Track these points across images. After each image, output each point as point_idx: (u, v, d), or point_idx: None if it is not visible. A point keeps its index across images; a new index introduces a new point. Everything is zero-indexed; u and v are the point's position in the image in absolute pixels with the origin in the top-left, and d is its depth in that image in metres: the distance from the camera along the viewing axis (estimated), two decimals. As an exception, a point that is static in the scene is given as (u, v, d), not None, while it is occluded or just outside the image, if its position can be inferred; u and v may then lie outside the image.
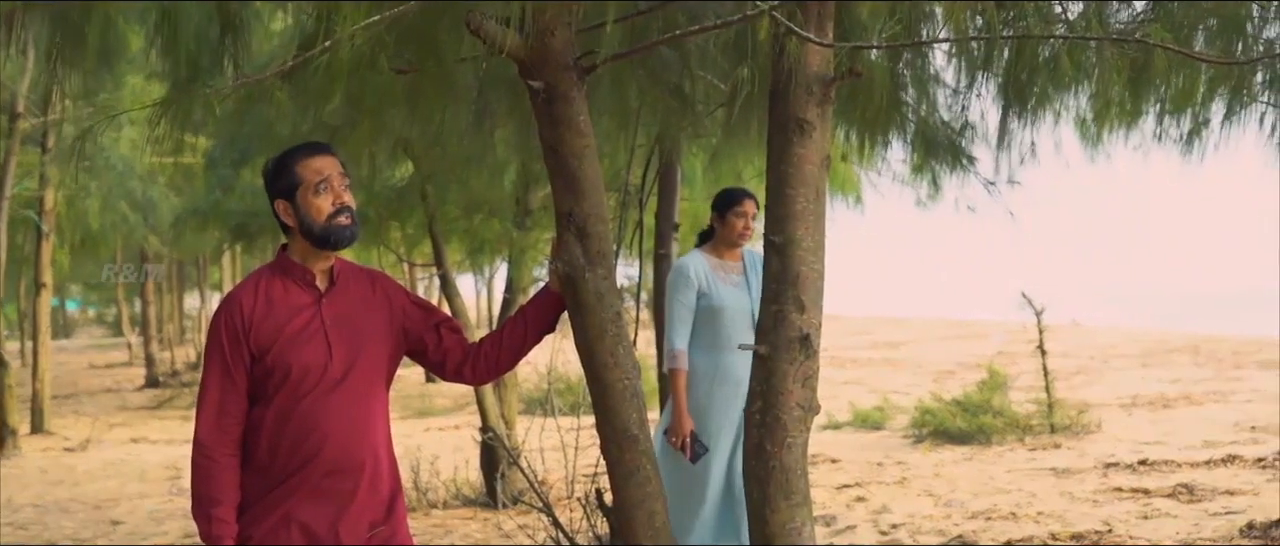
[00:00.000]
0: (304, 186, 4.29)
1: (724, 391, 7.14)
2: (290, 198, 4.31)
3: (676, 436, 7.05)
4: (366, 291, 4.52)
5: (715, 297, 7.21)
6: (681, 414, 7.06)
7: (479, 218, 12.09)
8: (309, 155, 4.35)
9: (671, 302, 7.29)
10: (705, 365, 7.20)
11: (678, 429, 7.06)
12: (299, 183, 4.29)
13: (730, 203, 7.36)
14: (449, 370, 4.70)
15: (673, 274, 7.39)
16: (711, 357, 7.20)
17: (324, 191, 4.29)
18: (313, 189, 4.28)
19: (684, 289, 7.24)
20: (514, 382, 13.65)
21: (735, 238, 7.37)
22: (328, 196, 4.29)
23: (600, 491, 7.41)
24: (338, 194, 4.32)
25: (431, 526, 11.22)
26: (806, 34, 4.76)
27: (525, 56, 4.64)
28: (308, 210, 4.29)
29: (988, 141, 7.58)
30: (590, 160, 4.75)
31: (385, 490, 4.46)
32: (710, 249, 7.44)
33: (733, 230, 7.35)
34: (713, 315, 7.21)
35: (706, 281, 7.24)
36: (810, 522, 5.05)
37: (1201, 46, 6.04)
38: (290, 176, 4.31)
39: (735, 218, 7.32)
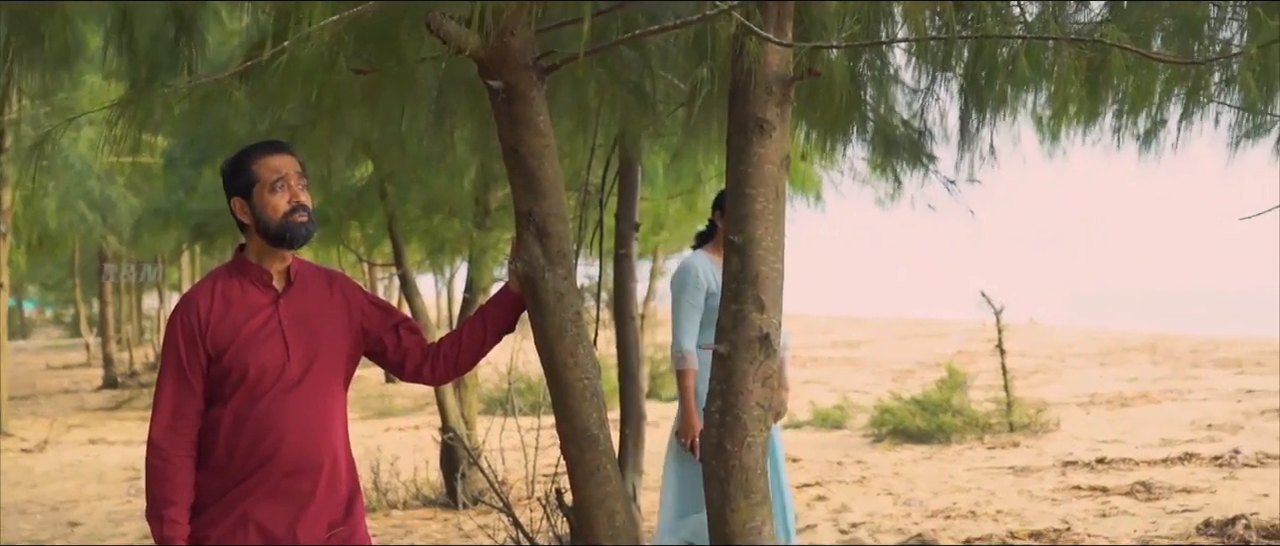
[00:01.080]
0: (261, 184, 4.28)
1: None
2: (247, 195, 4.31)
3: (687, 437, 7.04)
4: (324, 291, 4.51)
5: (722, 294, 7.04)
6: (692, 414, 7.02)
7: (439, 217, 12.08)
8: (266, 153, 4.35)
9: (679, 303, 7.25)
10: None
11: (688, 430, 7.04)
12: (256, 180, 4.29)
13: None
14: (408, 370, 4.70)
15: (680, 274, 7.34)
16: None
17: (280, 189, 4.28)
18: (269, 187, 4.28)
19: (692, 289, 7.22)
20: (474, 382, 13.63)
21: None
22: (284, 194, 4.29)
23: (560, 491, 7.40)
24: (294, 192, 4.31)
25: (391, 527, 11.20)
26: (766, 34, 4.76)
27: (485, 56, 4.63)
28: (263, 208, 4.29)
29: (948, 141, 7.60)
30: (550, 160, 4.74)
31: (344, 490, 4.45)
32: (712, 248, 7.40)
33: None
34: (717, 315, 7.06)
35: (714, 281, 7.09)
36: (770, 522, 5.05)
37: (1159, 47, 6.06)
38: (247, 174, 4.30)
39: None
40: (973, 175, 7.61)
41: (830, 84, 5.51)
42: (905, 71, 7.24)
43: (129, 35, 5.83)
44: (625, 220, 9.16)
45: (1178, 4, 5.98)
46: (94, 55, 7.38)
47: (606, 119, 7.24)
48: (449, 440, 11.24)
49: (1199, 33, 6.09)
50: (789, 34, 4.98)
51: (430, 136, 7.36)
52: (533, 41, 4.71)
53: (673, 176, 12.26)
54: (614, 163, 8.86)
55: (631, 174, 9.16)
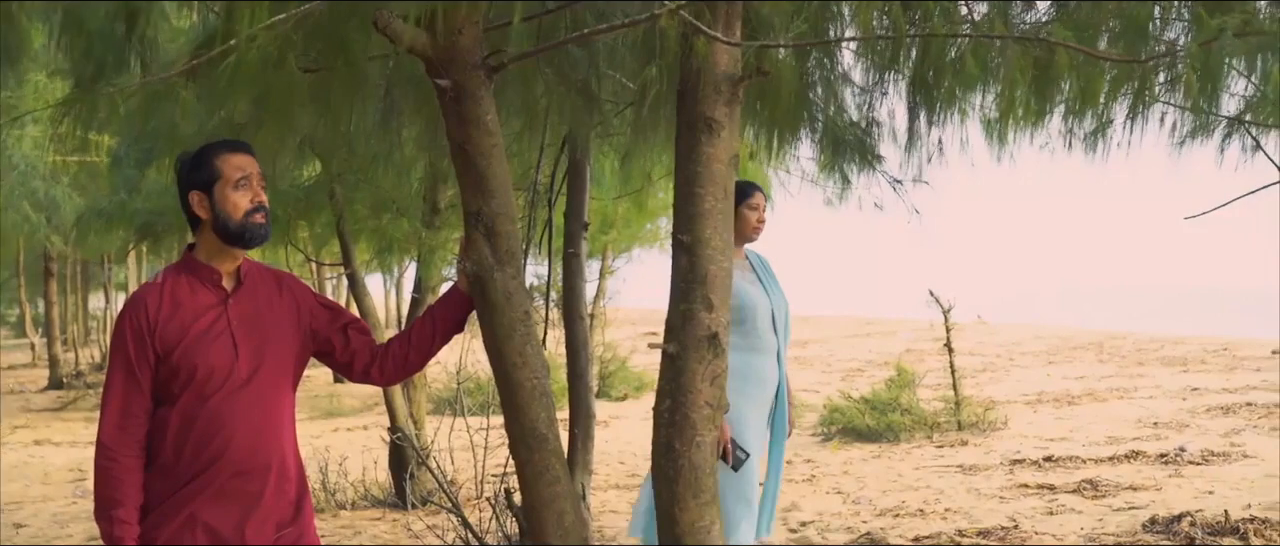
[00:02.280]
0: (224, 181, 4.28)
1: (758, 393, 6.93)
2: (207, 190, 4.29)
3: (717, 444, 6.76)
4: (273, 292, 4.49)
5: (743, 296, 6.82)
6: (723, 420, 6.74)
7: (387, 217, 12.03)
8: (231, 151, 4.35)
9: None
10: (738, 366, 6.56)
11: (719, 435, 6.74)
12: (219, 176, 4.28)
13: (742, 196, 6.93)
14: (357, 371, 4.69)
15: None
16: (742, 359, 6.75)
17: (243, 188, 4.29)
18: (233, 184, 4.28)
19: None
20: (423, 382, 13.60)
21: (749, 231, 7.07)
22: (246, 193, 4.29)
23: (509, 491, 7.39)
24: (256, 192, 4.32)
25: (340, 527, 11.16)
26: (714, 33, 4.77)
27: (433, 55, 4.62)
28: (225, 205, 4.28)
29: (896, 140, 7.63)
30: (498, 159, 4.74)
31: (292, 491, 4.43)
32: None
33: (747, 224, 7.04)
34: (741, 314, 6.77)
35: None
36: (720, 521, 5.06)
37: (1105, 47, 6.10)
38: (210, 169, 4.29)
39: (749, 211, 7.03)
40: (920, 175, 7.64)
41: (778, 83, 5.52)
42: (854, 71, 7.26)
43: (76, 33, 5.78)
44: (574, 219, 9.14)
45: (1123, 4, 6.02)
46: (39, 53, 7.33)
47: (555, 118, 7.23)
48: (398, 440, 11.22)
49: (1144, 33, 6.13)
50: (737, 33, 4.99)
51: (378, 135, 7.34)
52: (481, 40, 4.70)
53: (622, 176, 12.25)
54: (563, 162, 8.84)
55: (580, 173, 9.14)
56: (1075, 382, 21.20)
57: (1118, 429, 15.13)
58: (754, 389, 6.89)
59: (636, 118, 6.66)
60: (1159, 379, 21.11)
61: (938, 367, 17.74)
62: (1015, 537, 9.35)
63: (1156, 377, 21.38)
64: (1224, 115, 6.85)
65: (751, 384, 6.87)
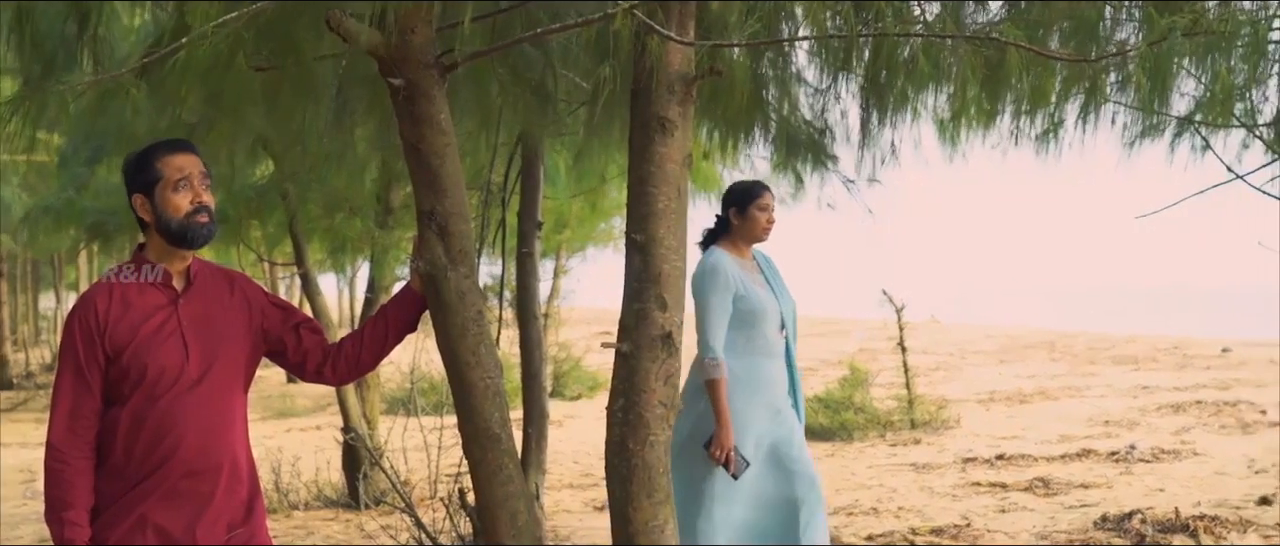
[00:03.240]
0: (164, 182, 4.24)
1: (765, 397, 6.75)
2: (149, 192, 4.26)
3: (721, 450, 6.56)
4: (224, 292, 4.47)
5: (753, 299, 6.71)
6: (727, 427, 6.55)
7: (340, 216, 11.99)
8: (171, 151, 4.30)
9: (707, 305, 6.67)
10: (744, 371, 6.71)
11: (722, 442, 6.56)
12: (159, 178, 4.24)
13: (752, 196, 6.86)
14: (309, 371, 4.66)
15: (706, 274, 6.74)
16: (749, 363, 6.72)
17: (184, 189, 4.25)
18: (172, 185, 4.23)
19: (722, 290, 6.67)
20: (376, 382, 13.56)
21: (759, 233, 6.89)
22: (187, 194, 4.25)
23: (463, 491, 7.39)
24: (197, 192, 4.27)
25: (292, 528, 11.12)
26: (668, 32, 4.77)
27: (385, 54, 4.60)
28: (165, 206, 4.24)
29: (849, 140, 7.66)
30: (451, 158, 4.72)
31: (243, 492, 4.41)
32: (729, 246, 6.90)
33: (757, 225, 6.86)
34: (751, 318, 6.71)
35: (740, 282, 6.72)
36: (673, 520, 5.07)
37: (1056, 47, 6.13)
38: (151, 171, 4.25)
39: (759, 211, 6.83)
40: (873, 175, 7.66)
41: (732, 83, 5.54)
42: (807, 71, 7.28)
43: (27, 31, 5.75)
44: (528, 219, 9.14)
45: (1074, 4, 6.05)
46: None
47: (509, 117, 7.23)
48: (351, 440, 11.18)
49: (1095, 33, 6.16)
50: (691, 33, 5.00)
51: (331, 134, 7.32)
52: (433, 39, 4.69)
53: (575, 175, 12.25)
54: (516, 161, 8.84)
55: (534, 172, 9.14)
56: (1027, 381, 21.31)
57: (1069, 427, 15.22)
58: (762, 393, 6.74)
59: (590, 117, 6.66)
60: (1110, 377, 21.24)
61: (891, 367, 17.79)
62: (968, 536, 9.38)
63: (1107, 376, 21.52)
64: (1174, 115, 6.88)
65: (759, 388, 6.74)
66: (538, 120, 7.07)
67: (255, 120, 6.78)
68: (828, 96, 7.38)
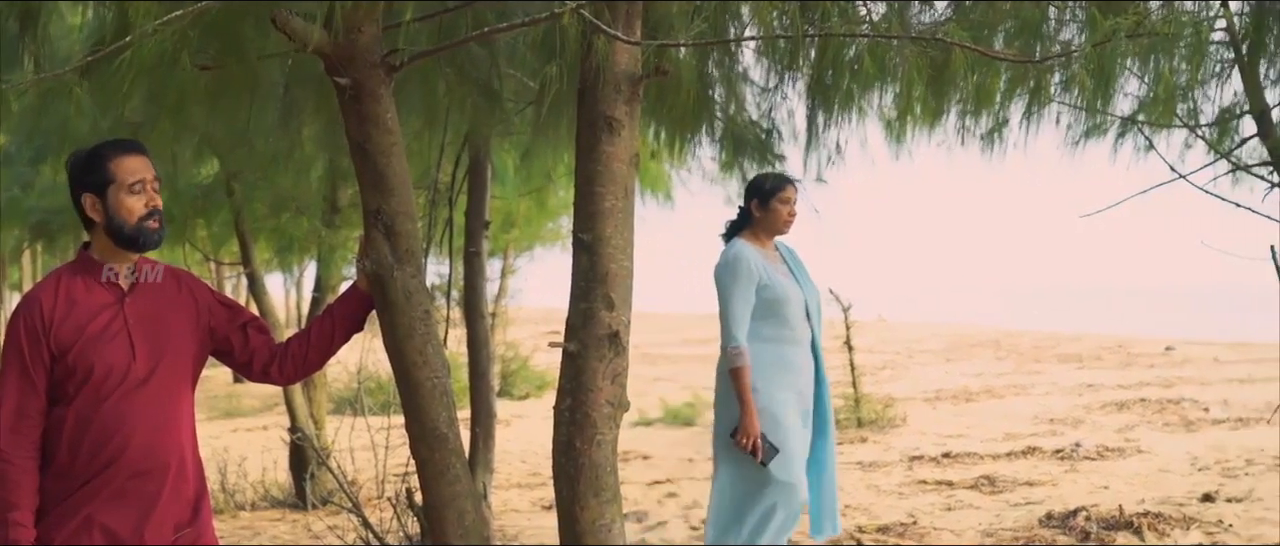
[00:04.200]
0: (117, 184, 4.21)
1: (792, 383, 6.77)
2: (101, 193, 4.23)
3: (747, 438, 6.56)
4: (171, 291, 4.44)
5: (777, 288, 6.72)
6: (752, 415, 6.56)
7: (287, 216, 11.95)
8: (124, 153, 4.27)
9: (731, 295, 6.66)
10: (772, 358, 6.72)
11: (748, 430, 6.55)
12: (112, 180, 4.21)
13: (775, 189, 6.85)
14: (256, 370, 4.64)
15: (730, 264, 6.72)
16: (775, 350, 6.73)
17: (138, 192, 4.22)
18: (127, 188, 4.20)
19: (746, 281, 6.65)
20: (323, 382, 13.52)
21: (781, 226, 6.90)
22: (141, 198, 4.22)
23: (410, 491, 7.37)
24: (150, 197, 4.25)
25: (239, 528, 11.07)
26: (614, 32, 4.78)
27: (332, 53, 4.60)
28: (118, 209, 4.21)
29: (796, 139, 7.68)
30: (398, 157, 4.72)
31: (190, 491, 4.39)
32: (751, 238, 6.88)
33: (778, 218, 6.86)
34: (776, 307, 6.71)
35: (763, 272, 6.70)
36: (620, 519, 5.08)
37: (1001, 47, 6.17)
38: (103, 172, 4.22)
39: (780, 204, 6.83)
40: (820, 174, 7.68)
41: (679, 82, 5.55)
42: (754, 70, 7.30)
43: (-33, 30, 5.72)
44: (475, 218, 9.13)
45: (1019, 4, 6.09)
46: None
47: (455, 116, 7.22)
48: (298, 440, 11.14)
49: (1039, 33, 6.21)
50: (637, 32, 5.01)
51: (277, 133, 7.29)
52: (380, 38, 4.69)
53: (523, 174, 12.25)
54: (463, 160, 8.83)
55: (481, 172, 9.14)
56: (973, 379, 21.43)
57: (1015, 425, 15.31)
58: (788, 378, 6.76)
59: (537, 116, 6.66)
60: (1055, 376, 21.39)
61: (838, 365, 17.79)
62: (914, 534, 9.42)
63: (1053, 374, 21.66)
64: (1118, 115, 6.94)
65: (787, 374, 6.76)
66: (485, 119, 7.06)
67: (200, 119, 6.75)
68: (774, 96, 7.41)
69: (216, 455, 12.45)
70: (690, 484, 12.25)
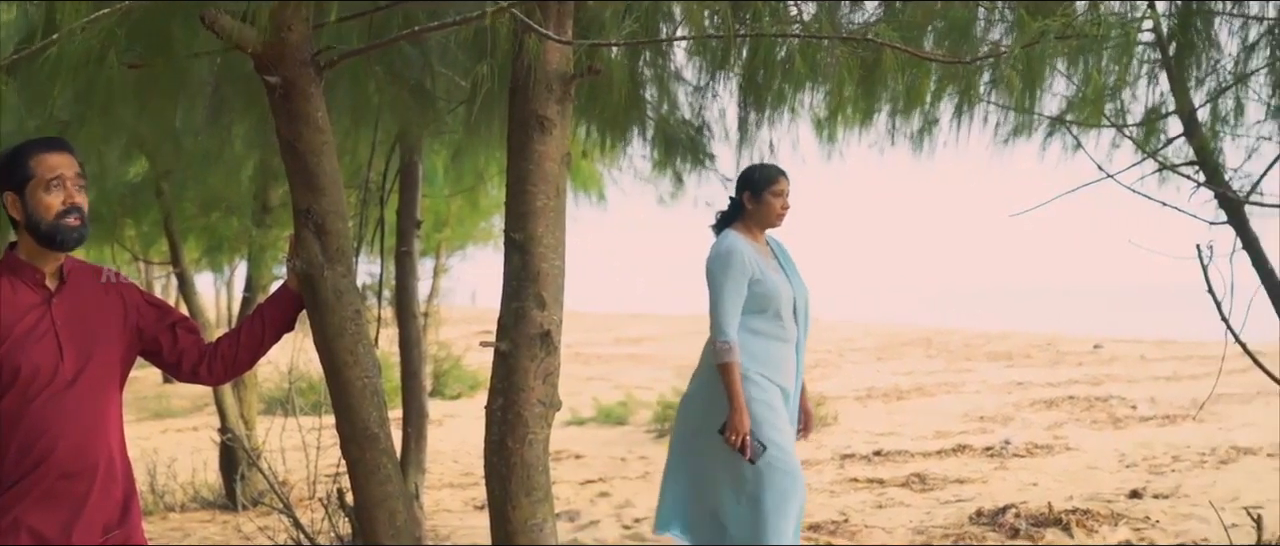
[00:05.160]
0: (36, 181, 4.18)
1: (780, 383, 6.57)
2: (20, 191, 4.20)
3: (736, 435, 6.36)
4: (99, 291, 4.41)
5: (769, 283, 6.52)
6: (742, 413, 6.35)
7: (217, 215, 11.89)
8: (45, 150, 4.24)
9: (722, 287, 6.46)
10: (760, 355, 6.53)
11: (737, 427, 6.35)
12: (31, 177, 4.18)
13: (768, 181, 6.65)
14: (185, 370, 4.62)
15: (723, 256, 6.53)
16: (766, 347, 6.55)
17: (55, 189, 4.18)
18: (44, 185, 4.17)
19: (738, 273, 6.46)
20: (254, 382, 13.46)
21: (773, 218, 6.68)
22: (58, 194, 4.19)
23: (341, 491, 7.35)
24: (70, 193, 4.21)
25: (169, 530, 11.01)
26: (546, 31, 4.78)
27: (262, 51, 4.57)
28: (36, 206, 4.18)
29: (728, 138, 7.70)
30: (328, 156, 4.71)
31: (119, 493, 4.36)
32: (743, 230, 6.68)
33: (771, 210, 6.64)
34: (766, 302, 6.52)
35: (756, 266, 6.51)
36: (552, 519, 5.08)
37: (931, 47, 6.21)
38: (23, 170, 4.19)
39: (773, 197, 6.62)
40: (752, 173, 7.70)
41: (610, 82, 5.56)
42: (686, 70, 7.32)
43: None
44: (407, 217, 9.12)
45: (949, 5, 6.14)
46: None
47: (387, 115, 7.20)
48: (228, 441, 11.09)
49: (969, 34, 6.25)
50: (569, 32, 5.01)
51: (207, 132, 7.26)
52: (310, 37, 4.67)
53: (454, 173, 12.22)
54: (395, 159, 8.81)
55: (413, 171, 9.12)
56: (904, 378, 21.54)
57: (945, 423, 15.41)
58: (778, 378, 6.56)
59: (468, 116, 6.65)
60: (985, 374, 21.53)
61: (769, 363, 17.90)
62: (845, 532, 9.47)
63: (983, 372, 21.81)
64: (1046, 115, 7.00)
65: (775, 373, 6.56)
66: (416, 118, 7.05)
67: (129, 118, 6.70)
68: (706, 95, 7.43)
69: (146, 456, 12.37)
70: (622, 483, 12.27)
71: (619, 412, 17.57)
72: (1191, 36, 6.88)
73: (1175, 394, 17.06)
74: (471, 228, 19.39)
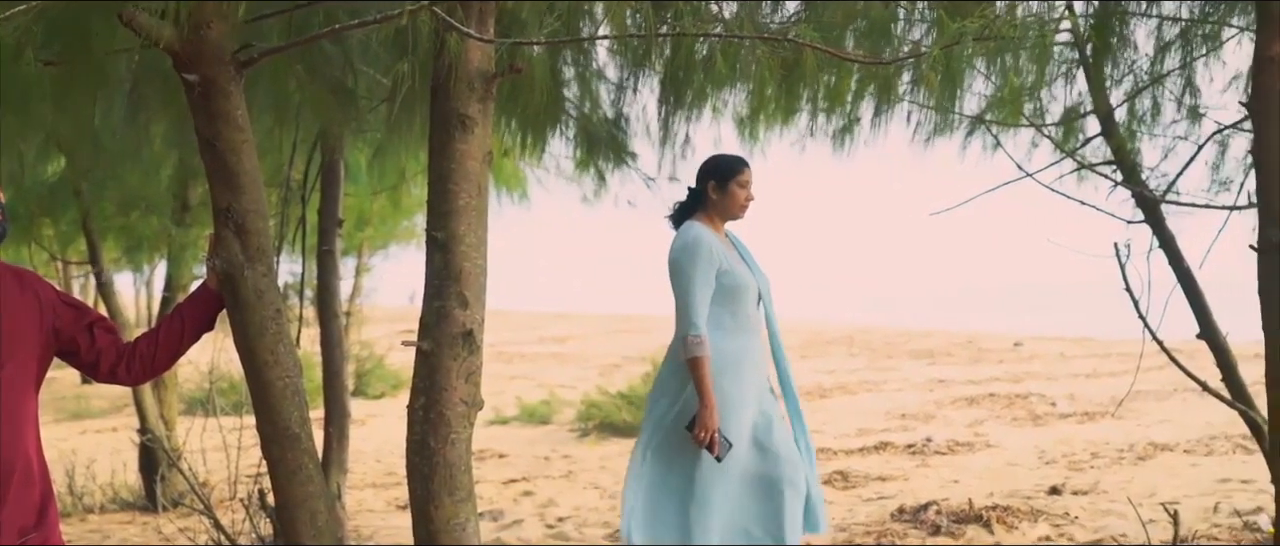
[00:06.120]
0: (-49, 181, 4.15)
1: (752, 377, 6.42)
2: (-67, 191, 4.16)
3: (705, 432, 6.17)
4: (15, 291, 4.37)
5: (737, 275, 6.35)
6: (712, 408, 6.15)
7: (136, 214, 11.79)
8: (-41, 150, 4.21)
9: (690, 279, 6.24)
10: (730, 350, 6.32)
11: (706, 424, 6.16)
12: (-54, 176, 4.15)
13: (732, 171, 6.42)
14: (103, 371, 4.58)
15: (689, 246, 6.30)
16: (736, 342, 6.35)
17: (-30, 187, 4.15)
18: (-39, 184, 4.14)
19: (706, 265, 6.25)
20: (174, 382, 13.35)
21: (737, 210, 6.47)
22: (-27, 192, 4.16)
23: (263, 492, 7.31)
24: (-13, 191, 4.18)
25: (88, 532, 10.90)
26: (467, 30, 4.78)
27: (180, 49, 4.55)
28: (-49, 205, 4.15)
29: (650, 137, 7.71)
30: (248, 155, 4.68)
31: (36, 494, 4.32)
32: (706, 221, 6.45)
33: (736, 201, 6.43)
34: (735, 294, 6.34)
35: (722, 257, 6.32)
36: (475, 518, 5.08)
37: (852, 47, 6.25)
38: (-63, 170, 4.16)
39: (738, 188, 6.41)
40: (674, 172, 7.73)
41: (532, 80, 5.56)
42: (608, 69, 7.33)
43: None
44: (328, 216, 9.07)
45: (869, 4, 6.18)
46: None
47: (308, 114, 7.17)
48: (148, 441, 11.00)
49: (889, 34, 6.29)
50: (490, 30, 5.01)
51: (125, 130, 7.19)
52: (229, 35, 4.64)
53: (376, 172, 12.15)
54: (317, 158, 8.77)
55: (334, 169, 9.07)
56: (826, 376, 21.63)
57: (867, 420, 15.49)
58: (748, 373, 6.40)
59: (390, 114, 6.63)
60: (907, 372, 21.65)
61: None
62: (768, 528, 9.50)
63: (905, 370, 21.93)
64: (966, 114, 7.05)
65: (745, 368, 6.38)
66: (338, 117, 7.02)
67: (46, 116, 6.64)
68: (628, 94, 7.44)
69: (64, 457, 12.26)
70: (546, 482, 12.26)
71: (542, 411, 17.57)
72: (1108, 37, 6.96)
73: (1094, 391, 17.23)
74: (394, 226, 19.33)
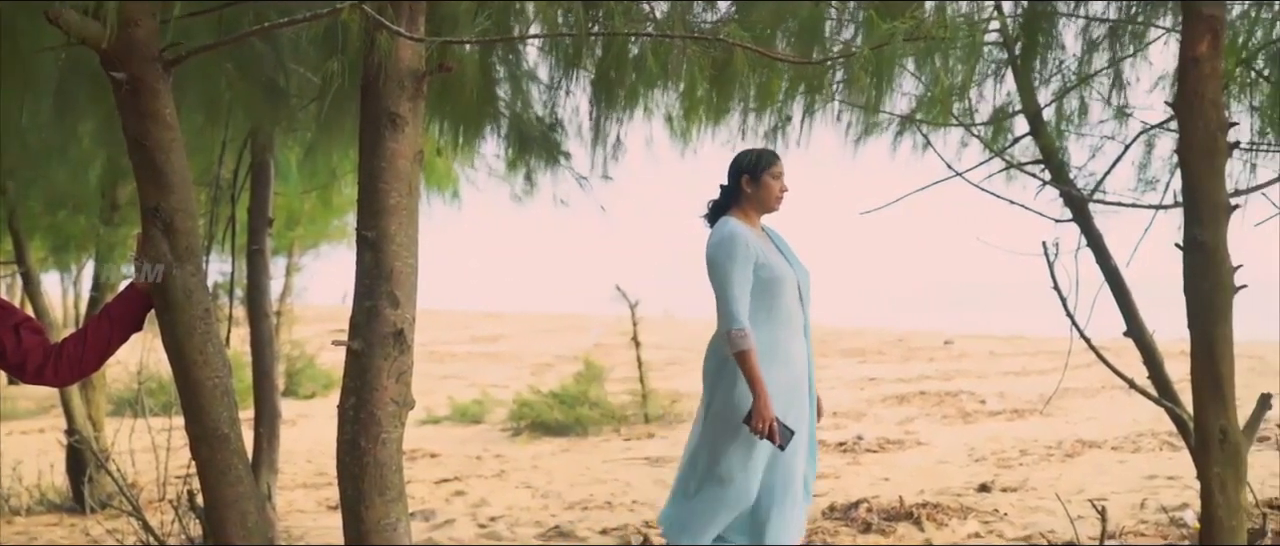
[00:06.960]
0: None
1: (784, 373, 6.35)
2: None
3: (763, 423, 6.11)
4: (-61, 291, 4.33)
5: (775, 268, 6.33)
6: (766, 397, 6.10)
7: (63, 213, 11.69)
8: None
9: (730, 274, 6.21)
10: (767, 344, 6.27)
11: (763, 414, 6.11)
12: None
13: (765, 164, 6.44)
14: (29, 372, 4.55)
15: (726, 242, 6.28)
16: (770, 335, 6.31)
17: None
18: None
19: (744, 259, 6.23)
20: (102, 383, 13.23)
21: (772, 202, 6.48)
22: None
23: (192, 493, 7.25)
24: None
25: (14, 534, 10.80)
26: (397, 28, 4.77)
27: (108, 47, 4.51)
28: None
29: (582, 136, 7.71)
30: (177, 154, 4.66)
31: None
32: (741, 216, 6.47)
33: (770, 193, 6.44)
34: (773, 287, 6.32)
35: (759, 250, 6.30)
36: (406, 518, 5.06)
37: (783, 47, 6.27)
38: None
39: (772, 179, 6.43)
40: (606, 172, 7.74)
41: (463, 79, 5.55)
42: (539, 68, 7.33)
43: None
44: (258, 215, 9.01)
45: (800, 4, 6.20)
46: None
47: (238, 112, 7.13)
48: (75, 442, 10.90)
49: (820, 34, 6.32)
50: (421, 28, 5.01)
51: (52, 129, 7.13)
52: (158, 33, 4.62)
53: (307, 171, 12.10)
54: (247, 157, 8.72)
55: (264, 168, 9.02)
56: (758, 374, 21.65)
57: (799, 418, 15.54)
58: (780, 368, 6.33)
59: (320, 112, 6.61)
60: (838, 369, 21.75)
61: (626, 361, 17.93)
62: (700, 527, 9.51)
63: (836, 368, 22.02)
64: (896, 114, 7.09)
65: (778, 362, 6.33)
66: (268, 115, 6.99)
67: (-31, 114, 6.59)
68: (559, 93, 7.43)
69: (-11, 459, 12.14)
70: (478, 481, 12.24)
71: (474, 411, 17.54)
72: (1037, 37, 7.02)
73: (1023, 389, 17.37)
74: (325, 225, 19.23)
